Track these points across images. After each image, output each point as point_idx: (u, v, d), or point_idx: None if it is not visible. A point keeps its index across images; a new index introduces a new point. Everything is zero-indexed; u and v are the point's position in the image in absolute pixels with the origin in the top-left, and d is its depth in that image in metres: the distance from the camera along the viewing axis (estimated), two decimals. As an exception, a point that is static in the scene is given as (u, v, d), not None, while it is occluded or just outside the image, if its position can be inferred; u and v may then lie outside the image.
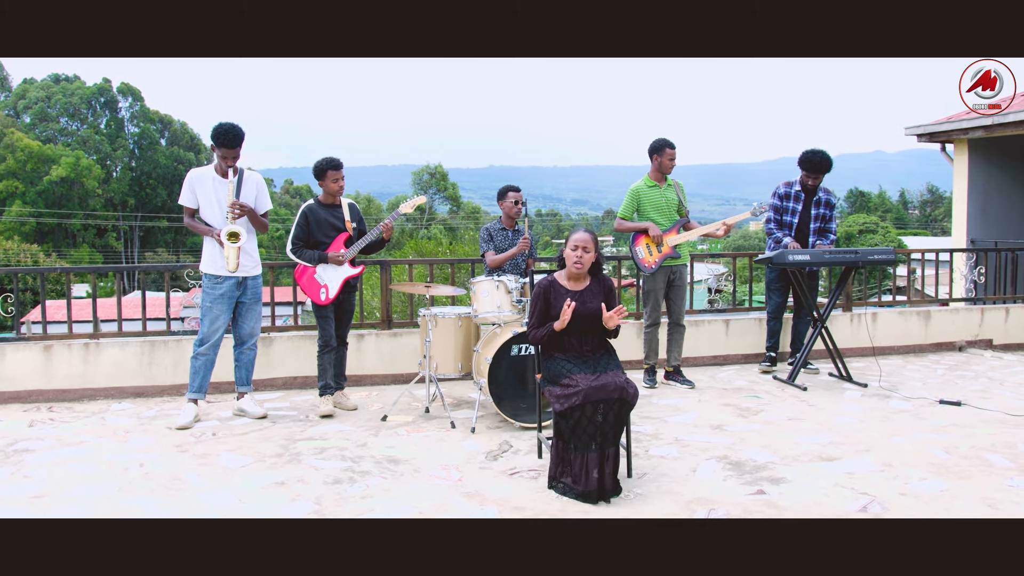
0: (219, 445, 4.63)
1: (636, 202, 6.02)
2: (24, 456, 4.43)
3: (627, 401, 3.77)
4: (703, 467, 4.18)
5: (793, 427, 4.95)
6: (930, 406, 5.44)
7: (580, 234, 4.06)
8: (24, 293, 28.33)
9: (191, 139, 67.47)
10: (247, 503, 3.72)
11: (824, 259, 5.88)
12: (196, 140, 67.74)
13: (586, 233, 4.07)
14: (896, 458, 4.30)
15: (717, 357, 6.93)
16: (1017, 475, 4.03)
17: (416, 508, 3.63)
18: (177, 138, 66.45)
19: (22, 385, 5.62)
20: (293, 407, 5.55)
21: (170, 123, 67.22)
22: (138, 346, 5.81)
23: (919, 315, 7.48)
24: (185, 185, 5.03)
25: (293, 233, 5.32)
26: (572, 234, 4.09)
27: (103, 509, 3.64)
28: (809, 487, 3.88)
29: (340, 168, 5.36)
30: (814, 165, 6.09)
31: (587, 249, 4.02)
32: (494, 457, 4.39)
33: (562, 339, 4.06)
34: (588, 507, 3.63)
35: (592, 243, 4.05)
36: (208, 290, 5.06)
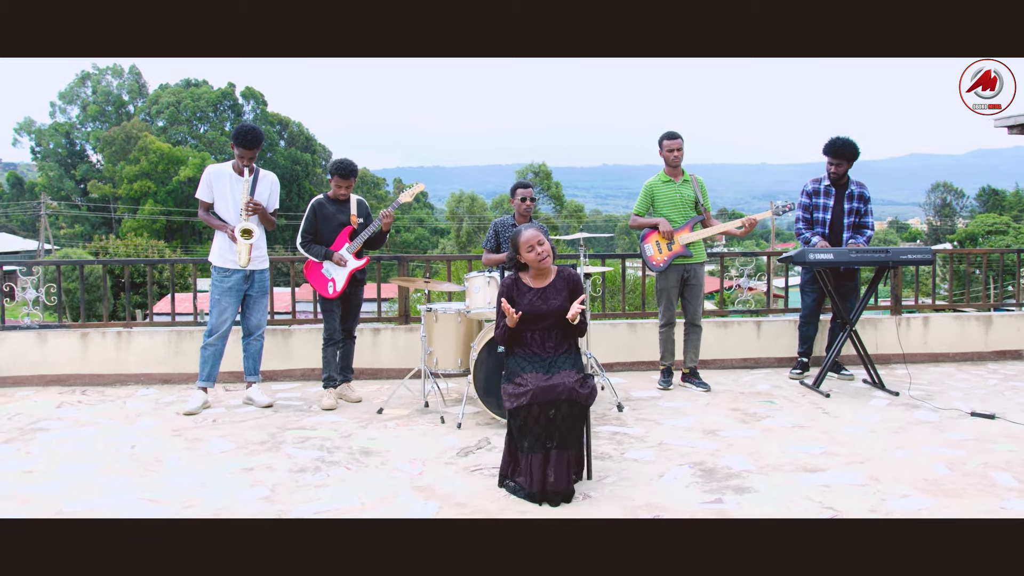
0: (213, 431, 4.83)
1: (650, 198, 5.85)
2: (37, 434, 4.78)
3: (578, 402, 3.68)
4: (672, 473, 4.03)
5: (792, 435, 4.70)
6: (959, 418, 5.04)
7: (529, 232, 3.97)
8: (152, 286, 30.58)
9: (307, 140, 70.32)
10: (207, 486, 3.87)
11: (850, 258, 5.53)
12: (312, 141, 70.56)
13: (533, 229, 3.98)
14: (889, 472, 4.00)
15: (748, 360, 6.65)
16: (1017, 497, 3.67)
17: (359, 500, 3.68)
18: (294, 139, 69.43)
19: (62, 369, 6.05)
20: (303, 397, 5.72)
21: (288, 125, 70.32)
22: (166, 335, 6.14)
23: (978, 320, 6.92)
24: (203, 180, 5.28)
25: (302, 227, 5.49)
26: (519, 236, 3.98)
27: (76, 485, 3.87)
28: (773, 499, 3.67)
29: (348, 178, 5.42)
30: (836, 150, 5.77)
31: (541, 242, 3.94)
32: (466, 453, 4.39)
33: (524, 336, 4.00)
34: (530, 507, 3.57)
35: (543, 235, 3.99)
36: (217, 283, 5.28)
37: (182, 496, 3.72)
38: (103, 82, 61.65)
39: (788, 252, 5.77)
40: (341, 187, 5.44)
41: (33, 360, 6.03)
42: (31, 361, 6.02)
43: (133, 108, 61.94)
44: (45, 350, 6.04)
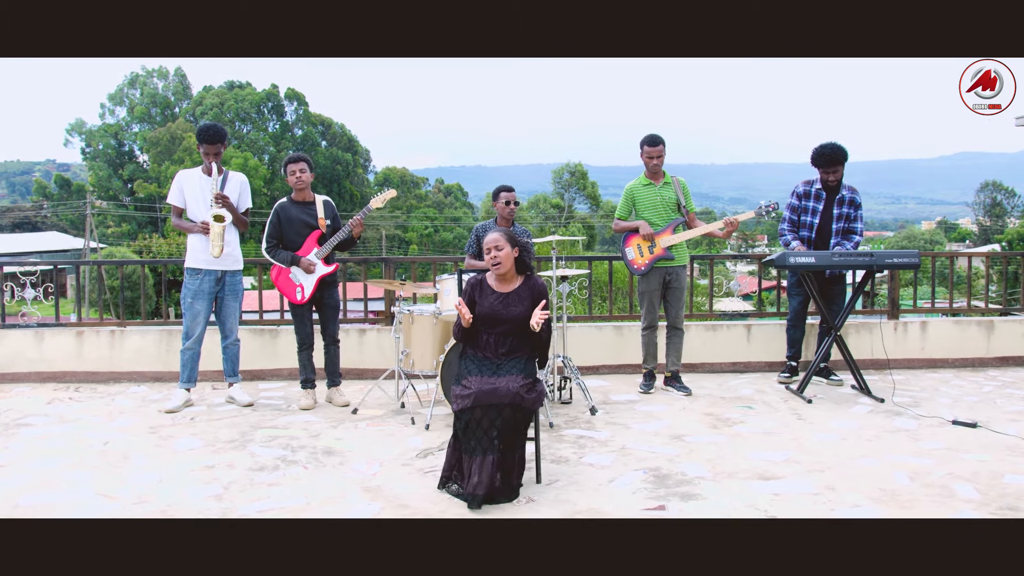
0: (188, 429, 4.93)
1: (631, 201, 5.82)
2: (20, 429, 4.93)
3: (522, 407, 3.69)
4: (624, 478, 4.01)
5: (759, 441, 4.63)
6: (939, 426, 4.91)
7: (490, 236, 4.00)
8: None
9: (349, 140, 71.05)
10: (165, 483, 3.96)
11: (832, 262, 5.43)
12: (354, 141, 71.26)
13: (495, 233, 4.00)
14: (846, 481, 3.93)
15: (737, 364, 6.57)
16: (973, 509, 3.58)
17: (306, 499, 3.73)
18: (336, 139, 70.21)
19: (59, 367, 6.23)
20: (285, 397, 5.80)
21: (330, 125, 71.14)
22: (157, 334, 6.29)
23: (979, 325, 6.73)
24: (173, 185, 5.37)
25: (267, 231, 5.41)
26: (484, 238, 4.04)
27: (39, 480, 3.99)
28: (717, 505, 3.63)
29: (299, 162, 5.37)
30: (829, 158, 5.66)
31: (499, 247, 3.95)
32: (425, 455, 4.42)
33: (480, 338, 4.02)
34: (471, 511, 3.58)
35: (505, 240, 3.98)
36: (188, 285, 5.37)
37: (137, 492, 3.82)
38: (149, 84, 63.09)
39: (770, 255, 5.69)
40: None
41: (31, 358, 6.22)
42: (29, 359, 6.22)
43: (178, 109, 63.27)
44: (42, 348, 6.24)
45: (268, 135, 66.98)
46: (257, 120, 68.54)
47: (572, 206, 58.14)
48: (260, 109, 68.83)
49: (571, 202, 58.10)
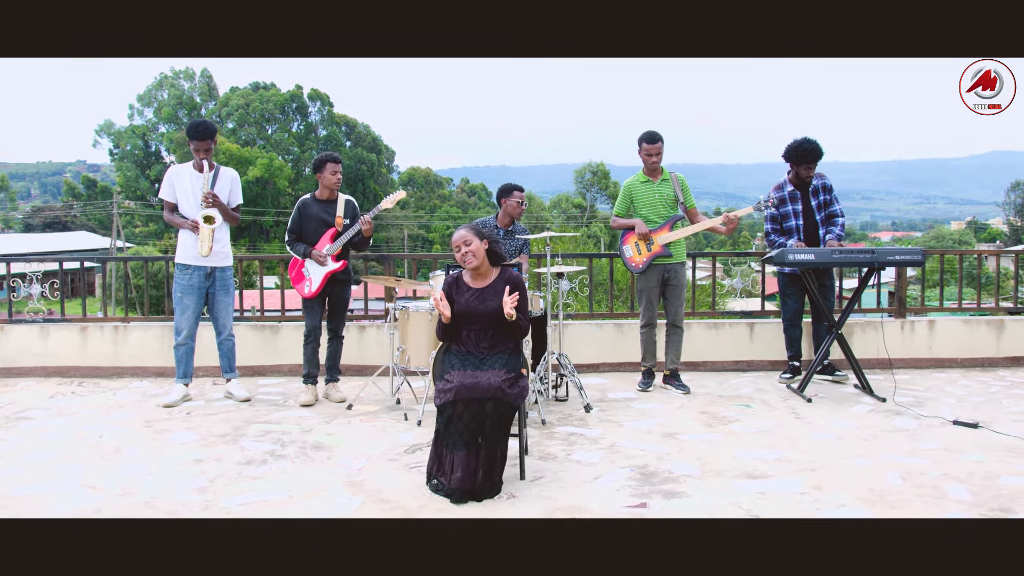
0: (183, 423, 4.98)
1: (629, 199, 5.78)
2: (19, 423, 5.00)
3: (504, 401, 3.67)
4: (609, 475, 3.97)
5: (752, 440, 4.57)
6: (940, 426, 4.82)
7: (458, 233, 4.00)
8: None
9: (373, 140, 71.38)
10: (154, 475, 4.00)
11: (832, 259, 5.35)
12: (378, 141, 71.58)
13: (463, 230, 4.00)
14: (835, 481, 3.86)
15: (740, 363, 6.49)
16: (963, 511, 3.50)
17: (288, 493, 3.74)
18: (360, 139, 70.56)
19: (63, 361, 6.32)
20: (283, 393, 5.83)
21: (354, 126, 71.52)
22: (159, 330, 6.35)
23: (989, 324, 6.59)
24: (165, 180, 5.44)
25: (288, 226, 5.57)
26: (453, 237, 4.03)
27: (31, 472, 4.04)
28: (700, 504, 3.59)
29: (339, 162, 5.52)
30: (806, 153, 5.69)
31: (468, 243, 3.95)
32: (413, 450, 4.41)
33: (460, 334, 4.01)
34: (450, 505, 3.57)
35: (473, 235, 3.97)
36: (178, 281, 5.43)
37: (122, 484, 3.85)
38: (176, 85, 63.87)
39: (769, 252, 5.62)
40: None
41: (37, 352, 6.31)
42: (35, 353, 6.31)
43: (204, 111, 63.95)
44: (47, 343, 6.32)
45: (292, 135, 67.53)
46: (282, 120, 69.11)
47: (594, 206, 57.97)
48: (284, 110, 69.37)
49: (593, 201, 57.93)
